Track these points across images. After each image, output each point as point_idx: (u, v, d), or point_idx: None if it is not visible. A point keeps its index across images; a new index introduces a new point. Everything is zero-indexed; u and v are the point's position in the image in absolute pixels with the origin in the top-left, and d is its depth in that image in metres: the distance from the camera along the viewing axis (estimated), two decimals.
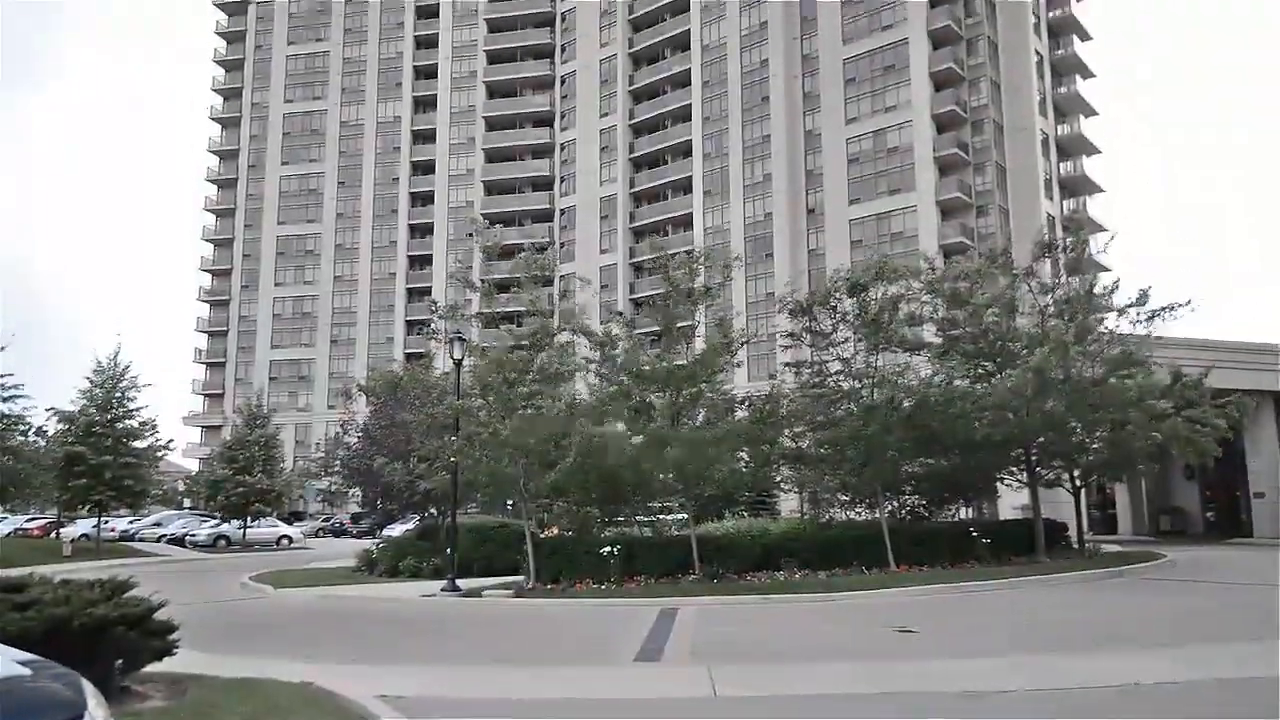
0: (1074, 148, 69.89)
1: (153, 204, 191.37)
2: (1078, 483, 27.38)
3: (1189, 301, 24.22)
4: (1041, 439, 24.52)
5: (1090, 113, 71.07)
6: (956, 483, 26.05)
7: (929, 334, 26.03)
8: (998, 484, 28.09)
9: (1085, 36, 71.89)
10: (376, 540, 32.55)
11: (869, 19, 67.24)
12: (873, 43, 66.72)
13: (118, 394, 36.58)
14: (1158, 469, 32.41)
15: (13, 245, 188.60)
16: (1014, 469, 26.24)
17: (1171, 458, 29.27)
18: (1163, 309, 23.98)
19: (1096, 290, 25.61)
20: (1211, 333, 52.77)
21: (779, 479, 26.30)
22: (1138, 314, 24.29)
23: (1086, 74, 71.43)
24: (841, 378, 23.49)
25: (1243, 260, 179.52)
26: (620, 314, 24.57)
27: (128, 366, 37.32)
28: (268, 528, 47.04)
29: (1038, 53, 66.96)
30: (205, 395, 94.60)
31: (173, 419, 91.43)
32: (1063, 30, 70.57)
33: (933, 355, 25.02)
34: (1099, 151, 71.26)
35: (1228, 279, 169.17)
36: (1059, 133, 69.02)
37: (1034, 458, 25.37)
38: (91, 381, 36.84)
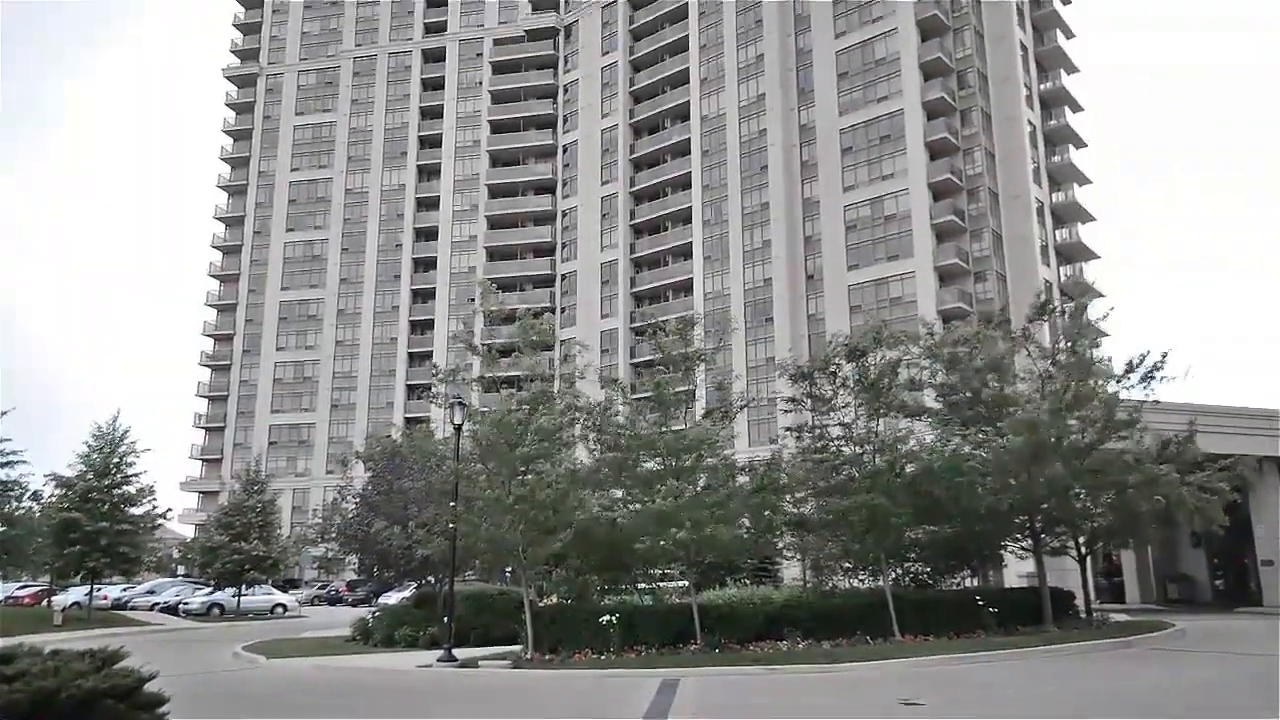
0: (1069, 215, 70.80)
1: (158, 271, 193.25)
2: (1083, 550, 27.06)
3: (1187, 371, 24.21)
4: (1045, 505, 24.33)
5: (1084, 181, 72.20)
6: (961, 550, 25.75)
7: (929, 399, 26.02)
8: (1002, 551, 27.76)
9: (1077, 108, 73.41)
10: (372, 608, 32.08)
11: (864, 91, 68.76)
12: (868, 113, 68.11)
13: (116, 459, 36.40)
14: (1164, 536, 32.06)
15: (15, 309, 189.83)
16: (1018, 536, 25.96)
17: (1178, 524, 28.98)
18: (1157, 368, 24.01)
19: (1094, 355, 25.69)
20: (1210, 395, 52.76)
21: (781, 545, 26.02)
22: (1134, 378, 24.31)
23: (1079, 144, 72.76)
24: (843, 443, 23.42)
25: (1239, 323, 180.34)
26: (616, 380, 24.50)
27: (126, 431, 37.23)
28: (262, 595, 46.36)
29: (1030, 123, 68.30)
30: (203, 460, 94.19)
31: (170, 484, 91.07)
32: (1055, 102, 72.07)
33: (933, 421, 24.97)
34: (1094, 219, 72.21)
35: (1224, 342, 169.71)
36: (1054, 200, 70.00)
37: (1038, 525, 25.13)
38: (90, 447, 36.69)
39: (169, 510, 40.79)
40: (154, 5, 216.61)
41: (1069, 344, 25.90)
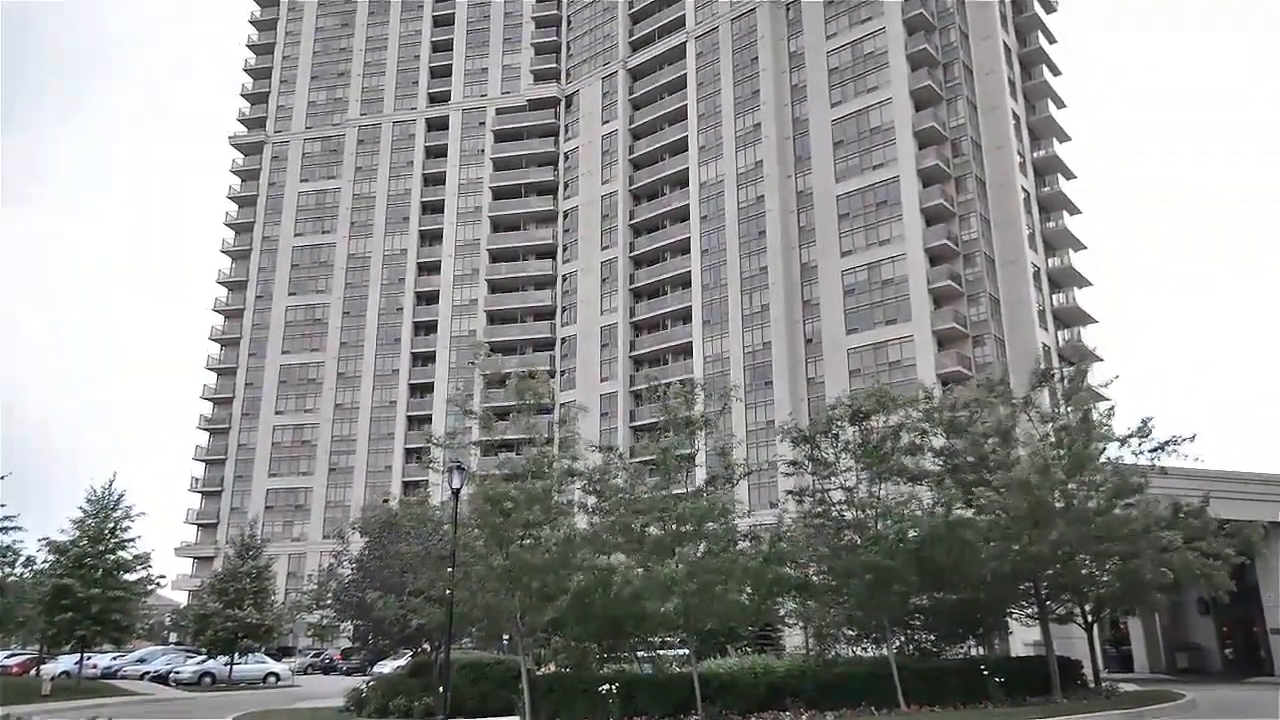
0: (1066, 280, 71.40)
1: (159, 336, 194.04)
2: (1089, 617, 26.65)
3: (1193, 436, 23.99)
4: (1050, 571, 24.05)
5: (1079, 246, 72.99)
6: (966, 617, 25.38)
7: (929, 463, 25.92)
8: (1008, 619, 27.34)
9: (1070, 175, 74.61)
10: (367, 678, 31.43)
11: (860, 158, 69.98)
12: (864, 180, 69.19)
13: (111, 524, 36.07)
14: (1171, 603, 31.60)
15: (13, 372, 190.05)
16: (1024, 603, 25.60)
17: (1184, 591, 28.60)
18: (1167, 443, 23.91)
19: (1094, 419, 25.64)
20: (1213, 458, 52.58)
21: (783, 612, 25.63)
22: (1139, 444, 24.25)
23: (1073, 210, 73.74)
24: (844, 507, 23.26)
25: (1238, 386, 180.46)
26: (613, 447, 24.40)
27: (122, 495, 36.97)
28: (255, 664, 45.45)
29: (1025, 190, 69.32)
30: (199, 525, 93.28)
31: (165, 549, 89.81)
32: (1048, 170, 73.27)
33: (933, 486, 24.84)
34: (1090, 284, 72.81)
35: (1225, 404, 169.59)
36: (1050, 265, 70.66)
37: (1043, 591, 24.80)
38: (85, 511, 36.40)
39: (162, 576, 40.33)
40: (159, 78, 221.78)
41: (1072, 409, 25.90)
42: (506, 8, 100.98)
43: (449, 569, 20.97)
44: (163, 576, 40.37)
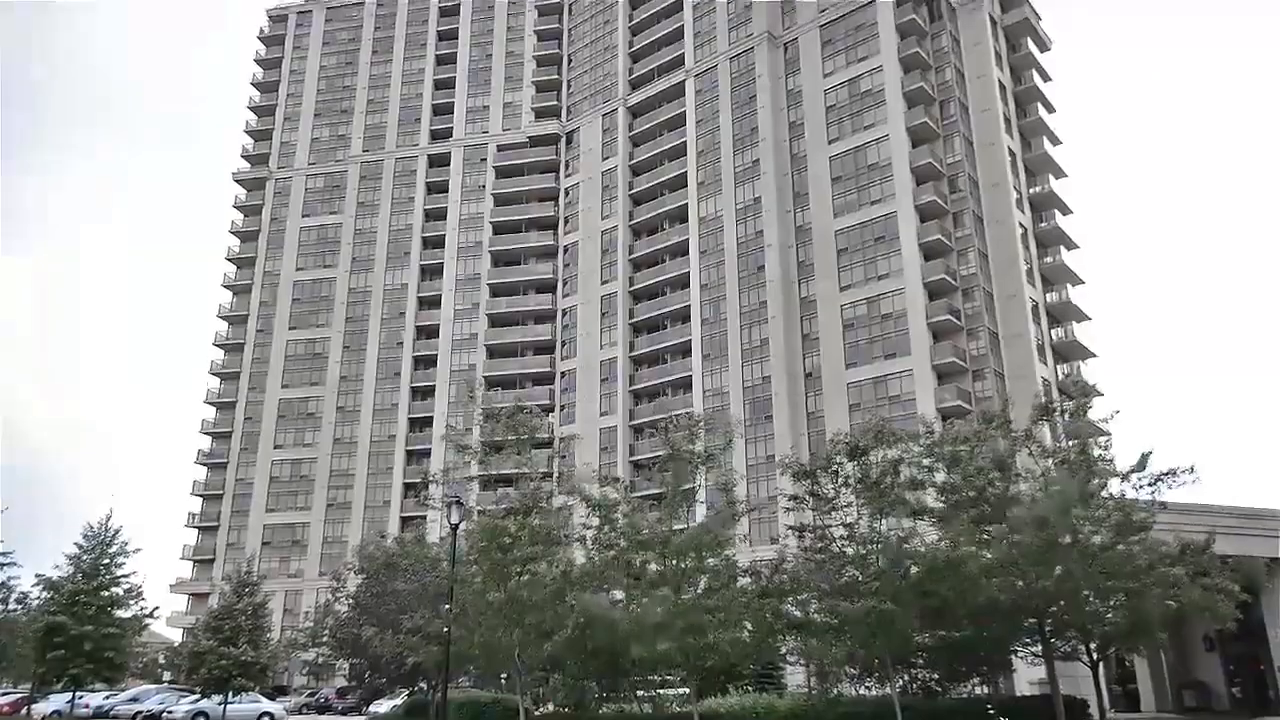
0: (1064, 314, 71.55)
1: (159, 373, 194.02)
2: (1095, 655, 26.32)
3: (1192, 468, 23.94)
4: (1054, 608, 23.79)
5: (1077, 281, 73.25)
6: (970, 655, 25.05)
7: (931, 498, 25.76)
8: (1013, 657, 27.00)
9: (1066, 211, 75.07)
10: (363, 717, 30.99)
11: (858, 194, 70.46)
12: (863, 215, 69.58)
13: (106, 560, 35.76)
14: (1177, 640, 31.26)
15: (13, 405, 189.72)
16: (1028, 640, 25.30)
17: (1190, 628, 28.31)
18: (1166, 474, 23.83)
19: (1096, 454, 25.54)
20: (1213, 493, 52.33)
21: (784, 650, 25.31)
22: (1139, 479, 24.13)
23: (1070, 245, 74.13)
24: (846, 542, 23.08)
25: (1240, 421, 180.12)
26: (617, 479, 24.27)
27: (118, 531, 36.69)
28: (249, 703, 44.67)
29: (1022, 225, 69.70)
30: (195, 561, 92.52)
31: (160, 586, 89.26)
32: (1045, 206, 73.77)
33: (936, 520, 24.66)
34: (1088, 318, 72.96)
35: (1227, 439, 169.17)
36: (1048, 300, 70.85)
37: (1048, 628, 24.51)
38: (80, 547, 36.11)
39: (156, 609, 39.84)
40: (163, 116, 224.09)
41: (1074, 443, 25.82)
42: (508, 47, 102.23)
43: (446, 605, 20.76)
44: (157, 608, 39.88)
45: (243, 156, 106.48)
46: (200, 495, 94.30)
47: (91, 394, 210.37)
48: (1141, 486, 24.20)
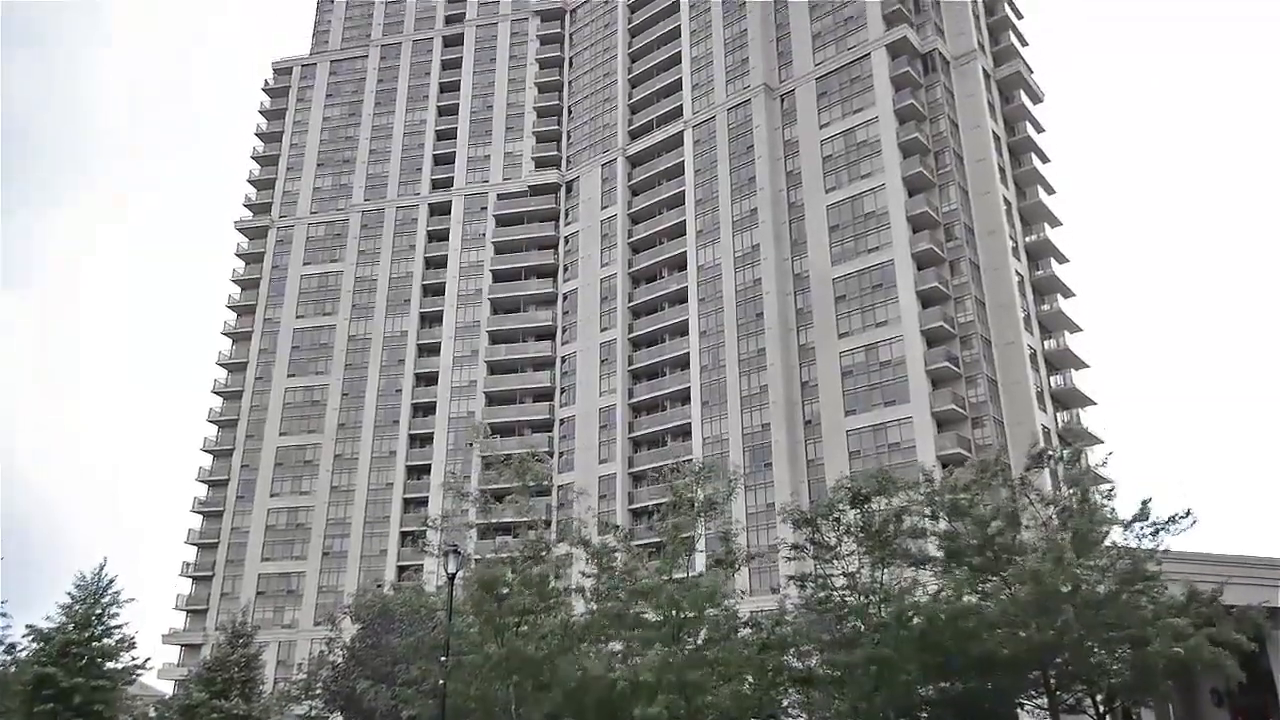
0: (1063, 362, 71.68)
1: (157, 419, 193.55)
2: (1101, 708, 25.88)
3: (1189, 513, 23.85)
4: (1059, 659, 23.45)
5: (1074, 328, 73.51)
6: (974, 708, 24.61)
7: (932, 547, 25.54)
8: (1018, 710, 26.54)
9: (1062, 259, 75.61)
10: None
11: (855, 242, 71.00)
12: (860, 263, 70.04)
13: (99, 610, 35.28)
14: (1185, 693, 30.73)
15: (10, 452, 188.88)
16: (1034, 692, 24.89)
17: (1196, 681, 27.85)
18: (1167, 522, 23.68)
19: (1097, 501, 25.38)
20: (1219, 536, 51.87)
21: (785, 703, 24.88)
22: (1141, 528, 23.97)
23: (1067, 293, 74.57)
24: (847, 592, 22.83)
25: (1241, 469, 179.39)
26: (617, 526, 24.08)
27: (111, 581, 36.25)
28: None
29: (1018, 273, 70.17)
30: (188, 611, 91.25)
31: (152, 637, 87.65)
32: (1041, 254, 74.34)
33: (938, 570, 24.44)
34: (1087, 365, 73.08)
35: (1230, 480, 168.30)
36: (1046, 348, 71.02)
37: (1053, 680, 24.14)
38: (72, 597, 35.65)
39: (147, 659, 39.18)
40: (163, 168, 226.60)
41: (1074, 491, 25.68)
42: (509, 98, 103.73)
43: (442, 658, 20.42)
44: (148, 659, 39.21)
45: (245, 205, 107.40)
46: (195, 544, 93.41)
47: (91, 438, 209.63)
48: (1144, 535, 24.03)
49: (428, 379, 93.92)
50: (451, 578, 21.76)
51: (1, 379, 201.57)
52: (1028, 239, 74.25)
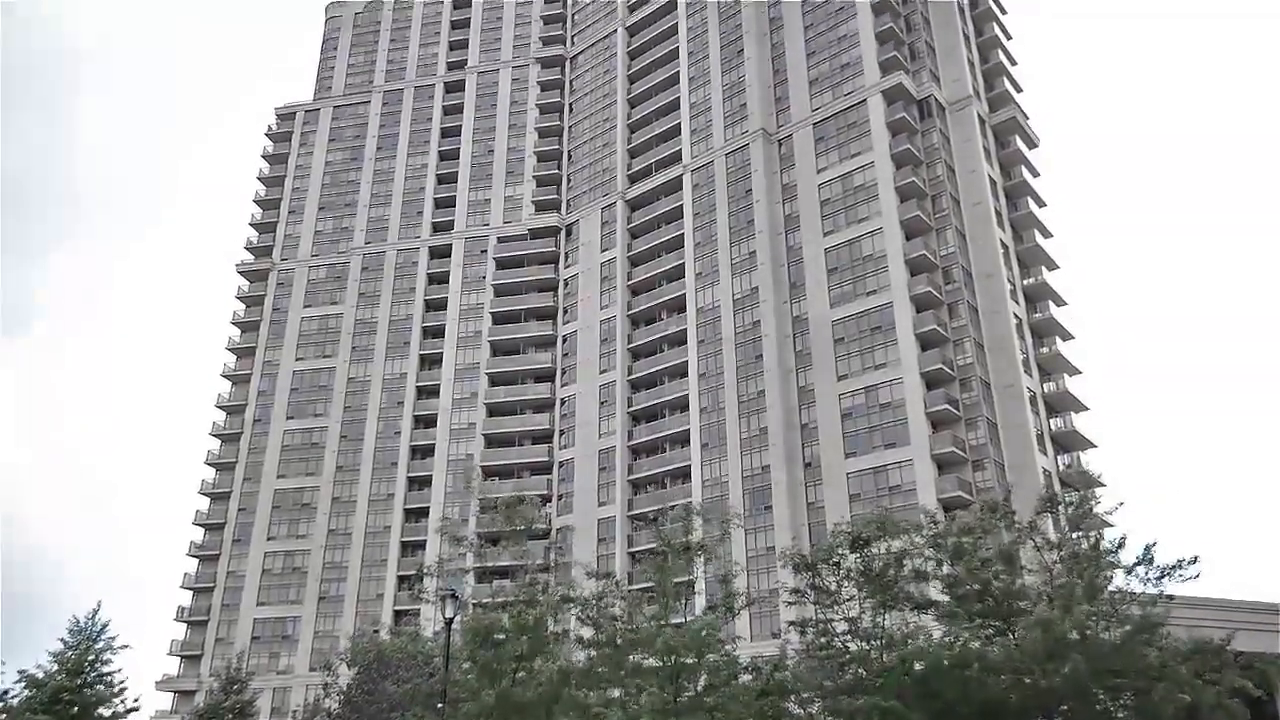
0: (1063, 404, 71.66)
1: (153, 464, 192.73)
2: None
3: (1195, 559, 23.63)
4: (1065, 707, 23.10)
5: (1074, 371, 73.57)
6: None
7: (935, 591, 25.28)
8: None
9: (1060, 302, 75.97)
10: None
11: (854, 285, 71.35)
12: (859, 306, 70.33)
13: (92, 656, 34.81)
14: None
15: (11, 500, 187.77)
16: None
17: None
18: (1172, 567, 23.46)
19: (1102, 546, 25.17)
20: (1223, 579, 51.44)
21: None
22: (1146, 572, 23.75)
23: (1066, 336, 74.80)
24: (848, 638, 22.56)
25: (1245, 510, 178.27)
26: (611, 574, 23.87)
27: (105, 626, 35.82)
28: None
29: (1016, 316, 70.44)
30: (182, 657, 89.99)
31: (146, 683, 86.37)
32: (1039, 297, 74.69)
33: (940, 615, 24.16)
34: (1087, 408, 73.00)
35: (1234, 519, 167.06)
36: (1046, 390, 71.03)
37: None
38: (65, 643, 35.20)
39: (137, 699, 38.48)
40: (166, 211, 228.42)
41: (1078, 535, 25.50)
42: (510, 143, 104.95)
43: (439, 704, 20.12)
44: (138, 699, 38.52)
45: (246, 248, 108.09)
46: (190, 588, 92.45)
47: (89, 483, 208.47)
48: (1148, 580, 23.81)
49: (427, 421, 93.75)
50: (449, 623, 21.51)
51: (3, 420, 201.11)
52: (1025, 282, 74.68)
